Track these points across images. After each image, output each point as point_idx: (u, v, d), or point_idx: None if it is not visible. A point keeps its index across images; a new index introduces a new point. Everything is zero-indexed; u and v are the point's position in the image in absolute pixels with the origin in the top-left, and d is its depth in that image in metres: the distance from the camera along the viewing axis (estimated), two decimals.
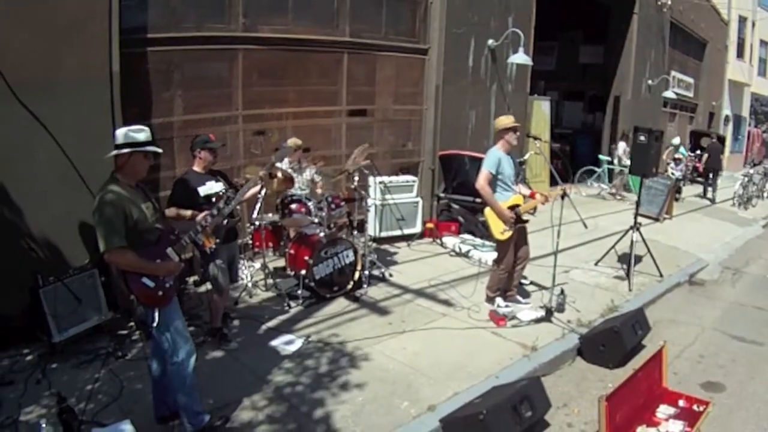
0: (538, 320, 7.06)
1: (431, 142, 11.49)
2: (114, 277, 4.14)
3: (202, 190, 5.93)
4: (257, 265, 8.12)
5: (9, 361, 5.81)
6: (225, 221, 5.95)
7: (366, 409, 5.10)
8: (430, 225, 10.98)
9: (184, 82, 8.18)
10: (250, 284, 7.89)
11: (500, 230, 7.08)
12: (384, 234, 10.39)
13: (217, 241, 5.51)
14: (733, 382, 6.09)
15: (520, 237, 7.34)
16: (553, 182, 16.17)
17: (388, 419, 4.96)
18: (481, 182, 7.04)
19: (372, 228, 10.12)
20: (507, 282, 7.55)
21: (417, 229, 10.80)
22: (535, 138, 7.38)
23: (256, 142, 9.20)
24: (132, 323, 6.56)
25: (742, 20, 29.43)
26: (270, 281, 7.94)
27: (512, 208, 7.10)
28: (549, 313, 7.12)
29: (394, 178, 10.52)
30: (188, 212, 5.67)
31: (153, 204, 4.49)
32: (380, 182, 10.03)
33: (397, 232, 10.55)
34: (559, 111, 23.12)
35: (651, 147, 8.82)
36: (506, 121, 7.25)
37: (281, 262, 8.28)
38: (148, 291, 4.24)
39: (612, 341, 6.25)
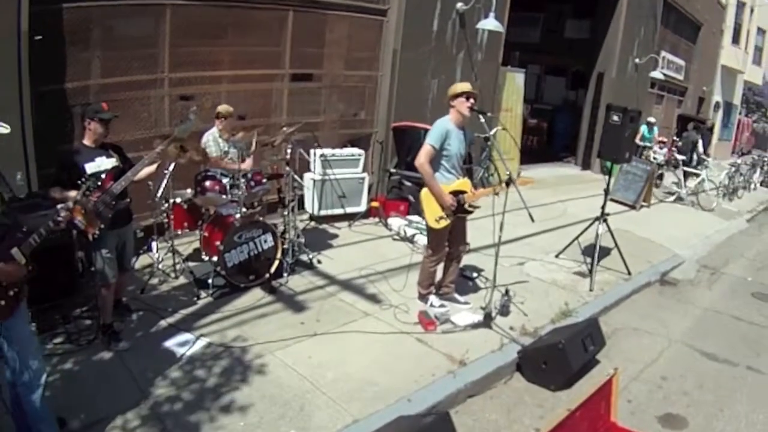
0: (475, 325, 6.01)
1: (386, 112, 10.54)
2: None
3: (90, 167, 5.16)
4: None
5: None
6: (113, 203, 5.17)
7: None
8: (375, 204, 9.92)
9: (104, 42, 7.41)
10: (160, 269, 7.04)
11: (435, 217, 6.01)
12: (324, 212, 9.41)
13: (101, 226, 4.98)
14: (698, 415, 5.06)
15: (458, 230, 6.31)
16: (523, 161, 15.30)
17: None
18: (422, 159, 5.97)
19: (310, 205, 9.32)
20: (443, 277, 6.53)
21: (362, 207, 9.78)
22: (480, 113, 6.13)
23: (186, 108, 8.17)
24: None
25: (741, 5, 28.32)
26: (183, 266, 7.13)
27: (455, 194, 6.03)
28: (488, 318, 6.04)
29: (337, 151, 9.46)
30: (72, 193, 4.76)
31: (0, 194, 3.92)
32: (321, 155, 9.01)
33: (339, 211, 9.54)
34: (540, 86, 22.42)
35: (625, 128, 7.72)
36: (460, 86, 6.17)
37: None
38: None
39: (555, 359, 5.19)
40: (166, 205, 7.02)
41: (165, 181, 6.66)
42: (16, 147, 6.13)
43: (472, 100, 6.04)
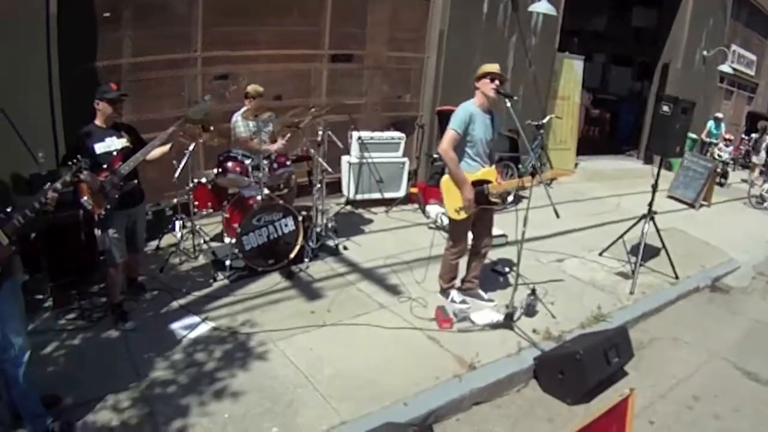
0: (494, 325, 5.60)
1: (431, 95, 10.16)
2: None
3: (100, 147, 5.18)
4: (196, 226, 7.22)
5: None
6: (121, 184, 5.17)
7: (226, 430, 4.09)
8: (414, 190, 9.55)
9: (135, 21, 7.26)
10: (182, 249, 6.98)
11: (456, 207, 5.61)
12: (360, 196, 9.14)
13: (108, 207, 5.05)
14: None
15: (483, 223, 5.90)
16: (584, 152, 14.76)
17: None
18: (445, 145, 5.57)
19: (347, 189, 9.06)
20: (466, 272, 6.18)
21: (401, 193, 9.43)
22: (506, 95, 5.62)
23: (223, 87, 8.12)
24: None
25: None
26: (207, 246, 7.09)
27: (479, 183, 5.60)
28: (509, 318, 5.62)
29: (376, 134, 9.14)
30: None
31: None
32: (358, 138, 8.72)
33: (377, 196, 9.23)
34: (606, 75, 21.65)
35: (676, 119, 7.13)
36: (486, 67, 5.66)
37: None
38: None
39: (572, 370, 4.74)
40: (191, 185, 6.93)
41: (184, 161, 6.61)
42: (45, 126, 6.11)
43: (497, 82, 5.54)
